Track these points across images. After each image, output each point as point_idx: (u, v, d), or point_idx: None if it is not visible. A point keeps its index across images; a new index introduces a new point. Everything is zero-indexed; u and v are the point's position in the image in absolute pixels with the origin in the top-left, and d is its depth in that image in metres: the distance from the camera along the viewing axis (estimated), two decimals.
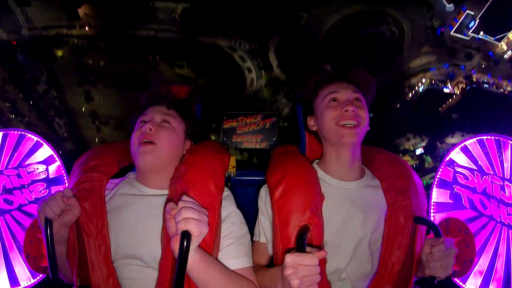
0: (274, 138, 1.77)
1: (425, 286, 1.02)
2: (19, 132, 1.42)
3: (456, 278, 1.26)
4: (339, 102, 1.11)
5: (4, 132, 1.41)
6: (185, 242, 0.78)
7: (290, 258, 0.78)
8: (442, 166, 1.42)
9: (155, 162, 1.05)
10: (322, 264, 0.95)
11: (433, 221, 1.04)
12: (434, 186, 1.43)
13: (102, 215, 1.01)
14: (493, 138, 1.29)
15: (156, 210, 1.01)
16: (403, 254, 1.00)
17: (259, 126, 1.78)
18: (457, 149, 1.39)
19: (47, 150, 1.44)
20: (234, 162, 1.50)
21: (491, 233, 1.24)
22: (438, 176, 1.43)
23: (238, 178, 1.54)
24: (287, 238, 0.97)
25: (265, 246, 1.10)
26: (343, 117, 1.07)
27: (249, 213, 1.14)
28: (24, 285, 1.33)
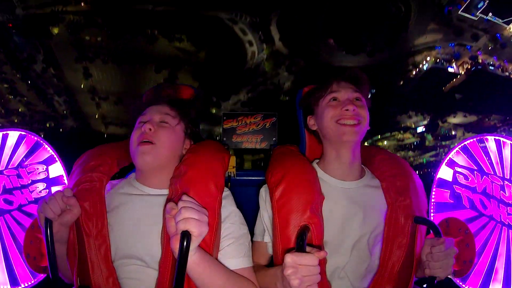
0: (274, 138, 1.77)
1: (425, 286, 1.02)
2: (19, 132, 1.42)
3: (456, 278, 1.26)
4: (340, 101, 1.11)
5: (4, 132, 1.41)
6: (185, 242, 0.78)
7: (290, 258, 0.78)
8: (442, 166, 1.42)
9: (155, 162, 1.05)
10: (322, 264, 0.95)
11: (433, 221, 1.04)
12: (434, 186, 1.43)
13: (102, 215, 1.01)
14: (493, 138, 1.29)
15: (156, 210, 1.01)
16: (403, 254, 1.00)
17: (259, 126, 1.78)
18: (457, 149, 1.39)
19: (47, 150, 1.44)
20: (234, 162, 1.50)
21: (491, 233, 1.24)
22: (438, 176, 1.42)
23: (238, 178, 1.55)
24: (287, 238, 0.97)
25: (265, 245, 1.10)
26: (344, 116, 1.07)
27: (249, 213, 1.14)
28: (24, 285, 1.33)
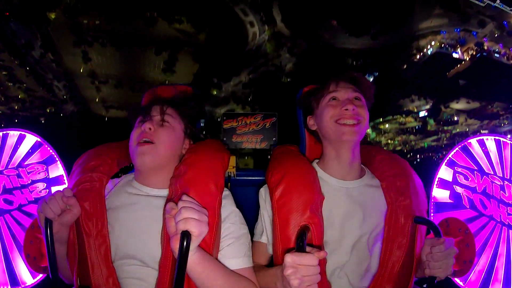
0: (274, 138, 1.78)
1: (425, 286, 1.02)
2: (19, 132, 1.42)
3: (456, 278, 1.26)
4: (339, 101, 1.11)
5: (4, 132, 1.41)
6: (185, 242, 0.78)
7: (290, 258, 0.78)
8: (442, 166, 1.42)
9: (154, 162, 1.05)
10: (322, 264, 0.95)
11: (433, 221, 1.04)
12: (434, 186, 1.43)
13: (102, 215, 1.00)
14: (493, 138, 1.29)
15: (156, 210, 1.01)
16: (403, 254, 1.00)
17: (259, 126, 1.78)
18: (457, 149, 1.39)
19: (47, 150, 1.44)
20: (234, 162, 1.49)
21: (491, 233, 1.24)
22: (438, 176, 1.43)
23: (238, 178, 1.54)
24: (287, 238, 0.97)
25: (265, 246, 1.10)
26: (343, 116, 1.07)
27: (249, 213, 1.14)
28: (24, 285, 1.33)
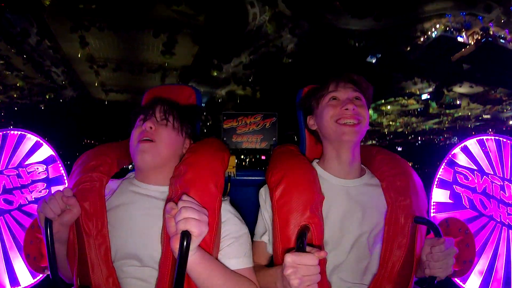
0: (274, 138, 1.77)
1: (425, 286, 1.02)
2: (19, 132, 1.42)
3: (456, 278, 1.26)
4: (339, 101, 1.11)
5: (4, 132, 1.41)
6: (185, 242, 0.78)
7: (290, 258, 0.78)
8: (442, 166, 1.42)
9: (154, 161, 1.05)
10: (322, 263, 0.95)
11: (433, 221, 1.04)
12: (434, 186, 1.43)
13: (102, 215, 1.00)
14: (493, 138, 1.29)
15: (156, 210, 1.01)
16: (403, 254, 1.00)
17: (259, 126, 1.78)
18: (457, 149, 1.39)
19: (47, 150, 1.44)
20: (234, 162, 1.49)
21: (491, 233, 1.24)
22: (438, 176, 1.42)
23: (238, 178, 1.54)
24: (287, 238, 0.97)
25: (265, 245, 1.10)
26: (343, 115, 1.07)
27: (249, 213, 1.14)
28: (24, 285, 1.33)
